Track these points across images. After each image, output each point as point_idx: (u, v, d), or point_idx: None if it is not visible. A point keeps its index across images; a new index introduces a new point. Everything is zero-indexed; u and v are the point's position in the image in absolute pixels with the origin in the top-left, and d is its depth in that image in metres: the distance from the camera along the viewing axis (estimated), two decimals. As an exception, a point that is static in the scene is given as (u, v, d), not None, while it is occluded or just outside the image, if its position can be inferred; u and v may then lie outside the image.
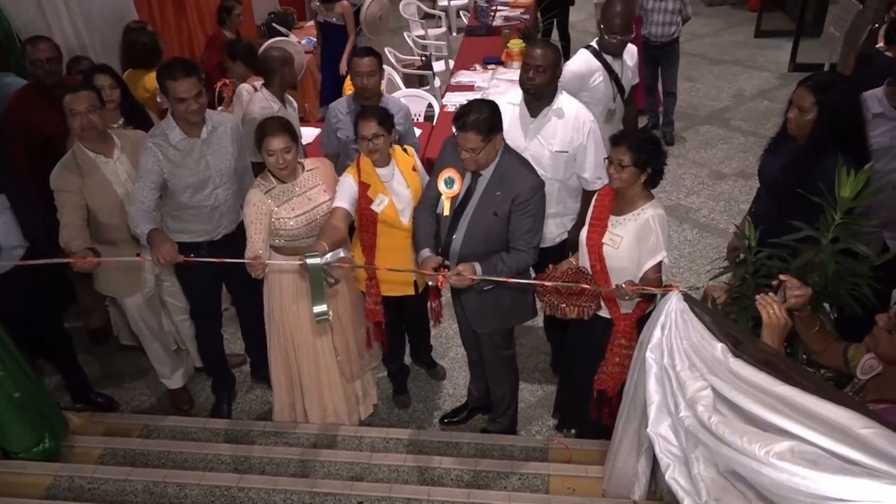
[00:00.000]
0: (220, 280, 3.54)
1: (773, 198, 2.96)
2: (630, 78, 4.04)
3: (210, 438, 3.46)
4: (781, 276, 2.23)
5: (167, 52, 5.14)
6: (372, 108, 3.14)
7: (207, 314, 3.61)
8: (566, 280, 2.83)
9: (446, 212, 2.92)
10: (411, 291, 3.29)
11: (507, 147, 2.89)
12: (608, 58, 3.83)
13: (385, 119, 3.03)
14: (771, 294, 2.20)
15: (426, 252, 2.92)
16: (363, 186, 3.06)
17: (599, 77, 3.83)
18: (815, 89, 2.69)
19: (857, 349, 2.19)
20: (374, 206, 3.06)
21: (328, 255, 2.63)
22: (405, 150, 3.25)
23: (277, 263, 3.06)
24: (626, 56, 3.92)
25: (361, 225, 3.15)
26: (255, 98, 4.01)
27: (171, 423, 3.58)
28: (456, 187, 2.89)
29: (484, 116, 2.70)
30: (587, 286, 2.76)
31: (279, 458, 3.23)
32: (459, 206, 2.90)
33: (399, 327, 3.64)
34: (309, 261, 2.60)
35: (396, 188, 3.12)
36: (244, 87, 4.31)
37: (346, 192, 3.05)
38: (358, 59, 3.53)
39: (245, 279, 3.39)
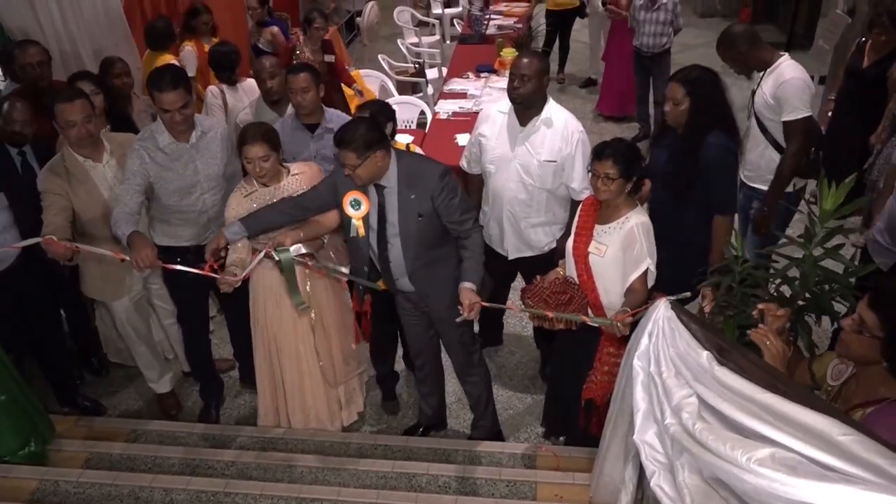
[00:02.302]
0: (208, 285, 3.53)
1: (667, 188, 3.10)
2: (763, 104, 3.59)
3: (197, 443, 3.46)
4: (760, 306, 2.26)
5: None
6: (366, 107, 3.25)
7: (194, 319, 3.61)
8: (553, 290, 2.84)
9: (361, 233, 2.89)
10: None
11: (399, 152, 2.88)
12: (758, 71, 3.65)
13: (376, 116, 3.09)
14: (761, 326, 2.22)
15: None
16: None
17: (749, 87, 3.74)
18: (683, 82, 3.00)
19: (819, 362, 2.22)
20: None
21: (292, 249, 2.88)
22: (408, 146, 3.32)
23: (251, 268, 3.05)
24: (773, 77, 3.53)
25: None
26: (251, 104, 4.05)
27: (158, 427, 3.57)
28: (363, 208, 2.85)
29: (359, 134, 2.66)
30: (586, 318, 2.75)
31: (266, 464, 3.22)
32: (379, 222, 2.88)
33: (391, 328, 3.61)
34: (280, 256, 2.90)
35: None
36: (210, 90, 4.46)
37: None
38: (293, 75, 3.45)
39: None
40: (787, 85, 3.46)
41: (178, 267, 2.93)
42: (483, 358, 3.38)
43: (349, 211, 2.87)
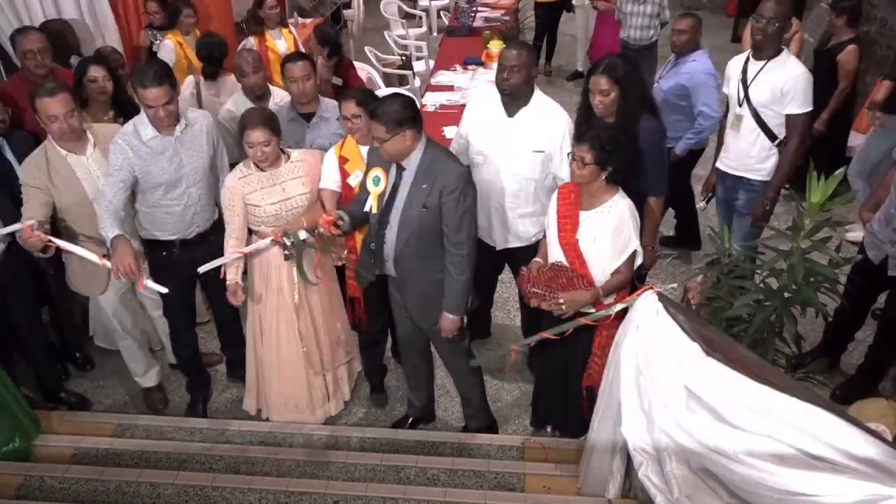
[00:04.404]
0: (194, 278, 3.51)
1: None
2: (767, 95, 3.59)
3: (184, 438, 3.43)
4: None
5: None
6: (352, 90, 3.28)
7: (181, 313, 3.56)
8: (549, 276, 2.83)
9: (374, 209, 2.94)
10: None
11: (430, 141, 2.89)
12: (755, 59, 3.65)
13: (364, 100, 3.11)
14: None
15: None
16: (342, 160, 3.18)
17: (734, 76, 3.77)
18: (607, 71, 3.03)
19: None
20: (349, 181, 3.17)
21: (301, 234, 3.00)
22: None
23: (251, 249, 3.15)
24: (779, 69, 3.54)
25: (343, 199, 3.22)
26: (232, 100, 4.03)
27: (145, 422, 3.54)
28: (382, 185, 2.91)
29: (392, 109, 2.69)
30: (584, 320, 2.76)
31: (254, 458, 3.21)
32: (387, 201, 2.92)
33: (382, 320, 3.60)
34: (291, 238, 3.02)
35: None
36: (188, 80, 4.43)
37: (330, 170, 3.19)
38: (291, 64, 3.44)
39: (217, 279, 3.39)
40: (797, 79, 3.52)
41: (151, 284, 2.96)
42: (472, 351, 3.37)
43: (369, 185, 2.92)
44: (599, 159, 2.67)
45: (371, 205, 2.94)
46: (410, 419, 3.64)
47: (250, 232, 3.24)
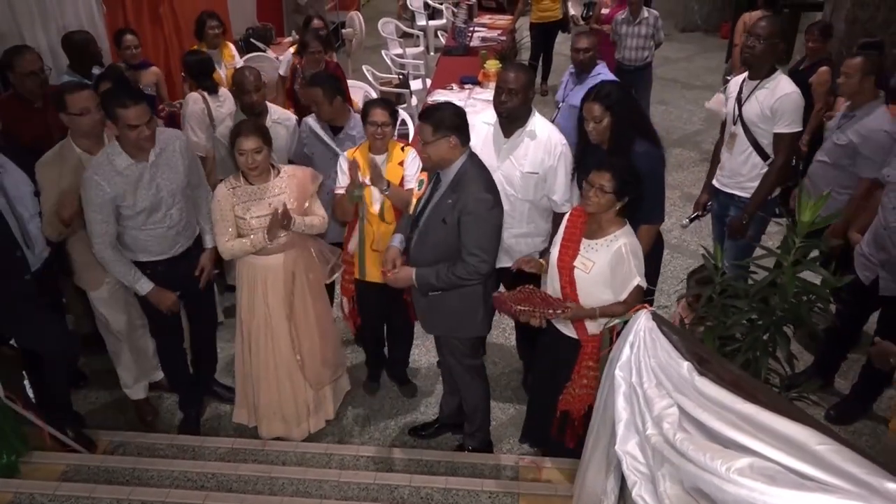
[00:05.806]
0: (180, 296, 3.48)
1: None
2: (758, 115, 3.61)
3: (177, 455, 3.41)
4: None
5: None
6: (382, 100, 3.49)
7: (168, 331, 3.53)
8: (521, 297, 2.84)
9: (410, 209, 3.07)
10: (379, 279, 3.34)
11: (471, 159, 2.90)
12: (750, 79, 3.69)
13: (394, 112, 3.35)
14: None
15: (393, 240, 3.12)
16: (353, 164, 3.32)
17: (732, 93, 3.82)
18: (599, 99, 3.04)
19: None
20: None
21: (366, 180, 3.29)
22: (403, 149, 3.42)
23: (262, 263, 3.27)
24: (770, 89, 3.58)
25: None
26: (230, 116, 4.07)
27: (137, 439, 3.53)
28: (422, 189, 3.03)
29: (440, 113, 2.81)
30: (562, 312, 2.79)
31: (247, 476, 3.19)
32: (422, 206, 2.99)
33: (379, 325, 3.72)
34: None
35: None
36: (190, 97, 4.47)
37: (343, 174, 3.37)
38: (304, 90, 3.67)
39: (199, 294, 3.39)
40: (786, 98, 3.56)
41: None
42: (482, 373, 3.35)
43: (416, 185, 3.12)
44: (618, 188, 2.65)
45: (412, 206, 3.06)
46: (438, 424, 3.68)
47: None
